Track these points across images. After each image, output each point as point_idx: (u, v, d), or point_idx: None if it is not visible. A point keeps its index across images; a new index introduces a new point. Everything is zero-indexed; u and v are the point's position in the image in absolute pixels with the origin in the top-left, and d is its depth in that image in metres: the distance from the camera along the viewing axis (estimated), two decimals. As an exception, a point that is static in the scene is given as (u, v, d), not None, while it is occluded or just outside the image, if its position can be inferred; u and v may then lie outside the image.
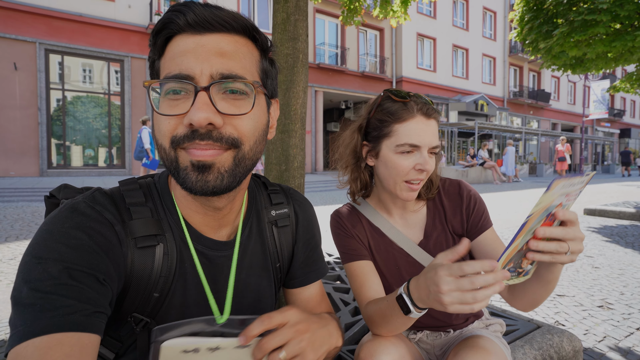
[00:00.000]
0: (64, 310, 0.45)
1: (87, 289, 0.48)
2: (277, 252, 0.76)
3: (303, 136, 1.73)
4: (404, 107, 0.91)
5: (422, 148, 0.90)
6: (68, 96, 11.26)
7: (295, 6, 1.72)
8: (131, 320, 0.60)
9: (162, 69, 0.57)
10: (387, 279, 1.03)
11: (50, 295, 0.45)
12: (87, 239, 0.51)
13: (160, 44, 0.58)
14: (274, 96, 0.68)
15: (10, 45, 10.09)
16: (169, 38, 0.57)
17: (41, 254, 0.48)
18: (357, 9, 3.74)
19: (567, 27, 5.13)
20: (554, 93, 26.59)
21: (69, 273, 0.47)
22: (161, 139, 0.56)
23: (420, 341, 1.09)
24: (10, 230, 4.34)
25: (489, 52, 22.13)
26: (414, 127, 0.90)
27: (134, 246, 0.58)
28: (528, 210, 6.64)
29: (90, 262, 0.50)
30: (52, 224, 0.51)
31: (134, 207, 0.60)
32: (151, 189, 0.65)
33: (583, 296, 2.57)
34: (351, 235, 1.02)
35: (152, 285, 0.59)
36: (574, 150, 28.47)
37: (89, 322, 0.47)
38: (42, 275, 0.46)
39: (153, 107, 0.56)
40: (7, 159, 10.16)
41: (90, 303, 0.48)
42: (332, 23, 16.36)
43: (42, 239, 0.50)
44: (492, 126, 17.39)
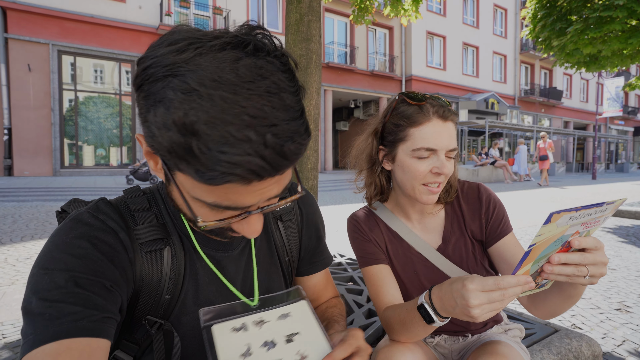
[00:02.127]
0: (71, 317, 0.47)
1: (94, 296, 0.50)
2: (285, 246, 0.78)
3: (316, 137, 1.73)
4: (420, 110, 0.90)
5: (438, 151, 0.88)
6: (80, 96, 11.43)
7: (309, 7, 1.71)
8: (145, 323, 0.61)
9: (205, 192, 0.47)
10: (405, 284, 1.02)
11: (58, 304, 0.47)
12: (91, 247, 0.53)
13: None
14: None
15: (24, 47, 10.27)
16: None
17: (48, 265, 0.50)
18: (368, 8, 3.71)
19: (582, 24, 5.04)
20: (566, 91, 26.16)
21: (75, 281, 0.49)
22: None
23: (437, 345, 1.08)
24: (26, 229, 4.41)
25: (499, 49, 21.85)
26: (430, 131, 0.88)
27: (142, 251, 0.59)
28: (540, 210, 6.55)
29: (96, 270, 0.51)
30: (57, 236, 0.53)
31: (138, 213, 0.61)
32: (155, 195, 0.66)
33: (600, 299, 2.52)
34: (368, 239, 1.01)
35: (162, 287, 0.61)
36: (586, 149, 28.00)
37: (97, 327, 0.48)
38: (49, 285, 0.48)
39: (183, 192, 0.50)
40: (21, 158, 10.35)
41: (97, 309, 0.49)
42: (341, 22, 16.32)
43: (49, 251, 0.52)
44: (503, 125, 17.17)
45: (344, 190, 10.02)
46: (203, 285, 0.64)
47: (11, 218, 5.07)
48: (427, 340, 1.07)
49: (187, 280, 0.63)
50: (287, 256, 0.78)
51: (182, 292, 0.62)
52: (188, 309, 0.63)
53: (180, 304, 0.62)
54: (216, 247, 0.66)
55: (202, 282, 0.64)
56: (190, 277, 0.63)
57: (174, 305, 0.62)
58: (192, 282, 0.63)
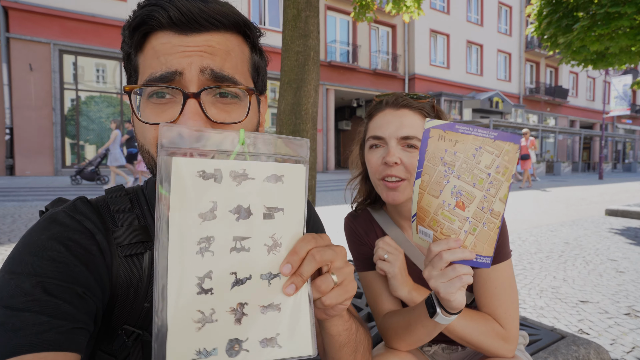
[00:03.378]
0: (36, 328, 0.42)
1: (64, 304, 0.45)
2: None
3: (314, 136, 1.67)
4: (378, 104, 0.89)
5: (387, 139, 0.84)
6: (82, 96, 11.45)
7: (306, 2, 1.65)
8: (122, 333, 0.57)
9: (143, 67, 0.52)
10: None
11: (22, 313, 0.42)
12: (64, 250, 0.48)
13: (138, 38, 0.52)
14: (262, 92, 0.64)
15: (26, 47, 10.28)
16: (148, 32, 0.52)
17: (15, 269, 0.45)
18: (370, 5, 3.65)
19: (589, 21, 4.96)
20: (572, 89, 25.95)
21: (44, 287, 0.44)
22: (146, 145, 0.52)
23: (435, 354, 1.04)
24: (25, 229, 4.39)
25: (504, 47, 21.70)
26: (380, 120, 0.87)
27: (120, 255, 0.54)
28: (546, 210, 6.46)
29: (67, 275, 0.47)
30: (29, 236, 0.49)
31: (119, 214, 0.57)
32: (138, 195, 0.63)
33: (608, 302, 2.45)
34: (364, 242, 0.98)
35: (141, 295, 0.56)
36: (592, 148, 27.76)
37: (65, 339, 0.43)
38: (15, 291, 0.43)
39: (134, 113, 0.51)
40: (23, 158, 10.38)
41: (67, 319, 0.44)
42: (343, 20, 16.25)
43: (18, 253, 0.47)
44: (508, 124, 17.04)
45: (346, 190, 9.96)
46: None
47: (11, 218, 5.06)
48: (424, 349, 1.04)
49: None
50: None
51: None
52: None
53: None
54: None
55: None
56: None
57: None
58: None
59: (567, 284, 2.81)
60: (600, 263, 3.34)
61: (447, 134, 0.60)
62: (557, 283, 2.84)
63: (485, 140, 0.59)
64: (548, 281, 2.88)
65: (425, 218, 0.63)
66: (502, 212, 0.60)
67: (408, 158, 0.83)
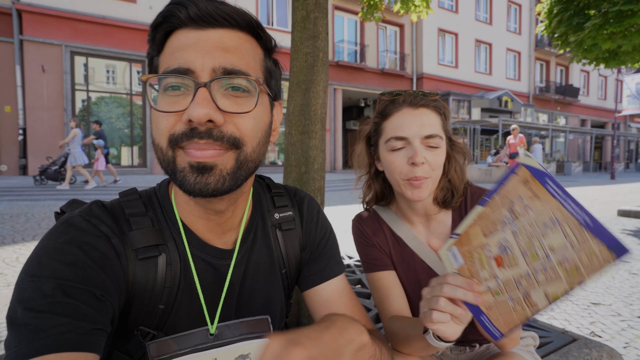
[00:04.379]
0: (58, 330, 0.43)
1: (83, 306, 0.46)
2: (282, 258, 0.72)
3: (323, 137, 1.67)
4: (391, 103, 0.89)
5: (410, 139, 0.84)
6: (92, 97, 11.60)
7: (315, 3, 1.65)
8: (138, 333, 0.58)
9: (161, 65, 0.55)
10: (408, 291, 0.98)
11: (44, 314, 0.44)
12: (81, 254, 0.50)
13: (159, 39, 0.55)
14: (277, 98, 0.65)
15: (38, 49, 10.45)
16: (169, 33, 0.55)
17: (35, 272, 0.47)
18: (377, 5, 3.65)
19: (600, 19, 4.88)
20: (583, 88, 25.56)
21: (63, 290, 0.46)
22: (158, 137, 0.53)
23: (443, 355, 1.04)
24: (38, 229, 4.47)
25: (513, 46, 21.46)
26: (399, 120, 0.86)
27: (135, 258, 0.56)
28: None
29: (86, 278, 0.48)
30: (47, 240, 0.50)
31: (133, 217, 0.58)
32: (151, 198, 0.63)
33: (621, 305, 2.41)
34: (372, 244, 0.98)
35: (156, 297, 0.57)
36: (604, 148, 27.32)
37: (85, 340, 0.45)
38: (36, 294, 0.45)
39: (150, 103, 0.54)
40: (35, 158, 10.56)
41: (86, 320, 0.46)
42: (351, 20, 16.22)
43: (37, 256, 0.49)
44: (517, 123, 16.85)
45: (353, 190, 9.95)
46: (197, 295, 0.61)
47: (24, 217, 5.15)
48: None
49: (182, 290, 0.59)
50: (284, 268, 0.73)
51: (177, 301, 0.59)
52: (182, 320, 0.59)
53: (174, 315, 0.59)
54: (215, 255, 0.62)
55: (195, 292, 0.60)
56: (184, 286, 0.59)
57: (167, 315, 0.59)
58: (187, 292, 0.60)
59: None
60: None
61: (532, 181, 0.49)
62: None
63: (570, 219, 0.46)
64: (559, 283, 2.85)
65: (465, 245, 0.58)
66: (541, 309, 0.50)
67: (431, 156, 0.84)
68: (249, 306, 0.66)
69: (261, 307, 0.67)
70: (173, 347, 0.56)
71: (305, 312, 1.65)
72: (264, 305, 0.67)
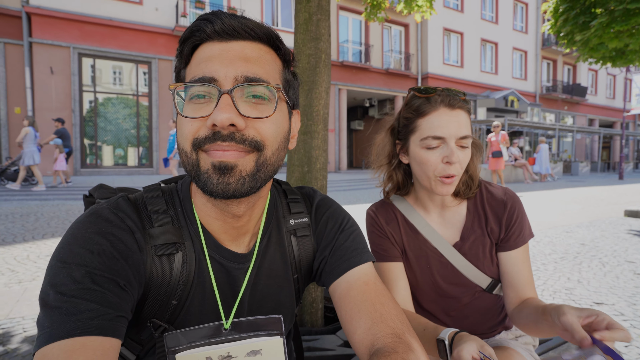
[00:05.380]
0: (87, 314, 0.47)
1: (109, 294, 0.50)
2: (295, 264, 0.73)
3: (325, 137, 1.70)
4: (427, 101, 0.91)
5: (447, 139, 0.88)
6: (99, 98, 11.73)
7: (318, 6, 1.68)
8: (150, 325, 0.61)
9: (188, 76, 0.58)
10: (417, 277, 1.01)
11: (74, 299, 0.47)
12: (108, 245, 0.53)
13: (187, 53, 0.59)
14: (295, 107, 0.68)
15: (47, 51, 10.60)
16: (196, 46, 0.59)
17: (65, 258, 0.50)
18: (381, 5, 3.65)
19: (607, 17, 4.83)
20: (591, 87, 25.28)
21: (92, 278, 0.49)
22: (183, 142, 0.56)
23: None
24: (47, 227, 4.54)
25: (520, 45, 21.30)
26: (437, 120, 0.88)
27: (154, 254, 0.58)
28: (562, 211, 6.34)
29: (111, 268, 0.51)
30: (76, 229, 0.54)
31: (155, 214, 0.61)
32: (173, 196, 0.66)
33: (624, 305, 2.40)
34: (384, 234, 1.01)
35: (170, 292, 0.60)
36: (612, 148, 26.99)
37: (110, 326, 0.48)
38: (67, 279, 0.48)
39: (177, 110, 0.57)
40: (44, 159, 10.67)
41: (112, 307, 0.49)
42: (355, 20, 16.22)
43: (67, 243, 0.52)
44: (523, 123, 16.72)
45: (357, 190, 9.95)
46: (209, 294, 0.63)
47: (34, 216, 5.24)
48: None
49: (195, 288, 0.62)
50: (297, 274, 0.74)
51: (189, 299, 0.62)
52: (193, 317, 0.62)
53: (185, 311, 0.62)
54: (228, 257, 0.65)
55: (208, 291, 0.63)
56: (197, 284, 0.62)
57: (179, 311, 0.61)
58: (199, 289, 0.62)
59: (582, 286, 2.77)
60: (617, 265, 3.28)
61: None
62: (572, 284, 2.80)
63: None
64: (562, 282, 2.84)
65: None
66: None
67: (463, 156, 0.89)
68: (260, 309, 0.68)
69: (272, 310, 0.69)
70: (188, 339, 0.59)
71: (307, 309, 1.68)
72: (274, 308, 0.69)
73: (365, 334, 0.60)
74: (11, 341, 1.85)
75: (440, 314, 1.03)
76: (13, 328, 1.98)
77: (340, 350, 1.45)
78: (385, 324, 0.60)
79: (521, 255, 0.96)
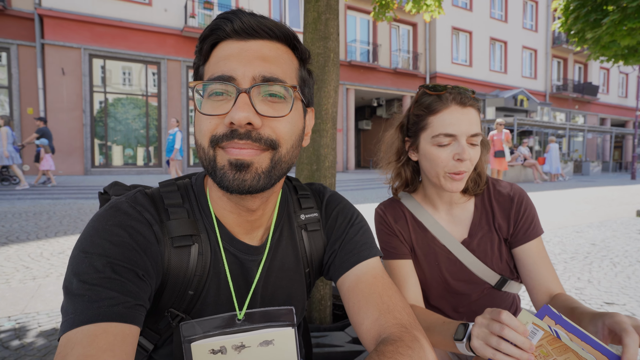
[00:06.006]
0: (108, 302, 0.49)
1: (129, 283, 0.52)
2: (306, 257, 0.75)
3: (334, 136, 1.71)
4: (438, 99, 0.91)
5: (458, 137, 0.89)
6: (109, 98, 11.89)
7: (326, 5, 1.69)
8: (168, 315, 0.63)
9: (206, 73, 0.60)
10: (426, 275, 1.02)
11: (96, 287, 0.50)
12: (127, 236, 0.55)
13: (206, 50, 0.60)
14: (310, 105, 0.70)
15: (59, 52, 10.78)
16: (215, 44, 0.60)
17: (88, 249, 0.53)
18: (389, 4, 3.65)
19: (619, 15, 4.76)
20: (603, 86, 24.88)
21: (112, 267, 0.51)
22: (201, 138, 0.58)
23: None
24: (59, 226, 4.63)
25: (529, 44, 21.06)
26: (448, 117, 0.89)
27: (171, 245, 0.61)
28: (572, 211, 6.26)
29: (130, 259, 0.53)
30: (97, 221, 0.56)
31: (171, 208, 0.63)
32: (188, 190, 0.68)
33: (635, 305, 2.38)
34: (393, 232, 1.02)
35: (187, 283, 0.62)
36: (625, 147, 26.53)
37: (130, 314, 0.50)
38: (89, 268, 0.51)
39: (195, 107, 0.59)
40: (56, 158, 10.85)
41: (131, 296, 0.51)
42: (363, 19, 16.19)
43: (89, 235, 0.54)
44: (533, 122, 16.52)
45: (365, 189, 9.94)
46: (224, 284, 0.65)
47: (46, 215, 5.33)
48: None
49: (210, 279, 0.64)
50: (308, 268, 0.76)
51: (205, 289, 0.64)
52: (209, 307, 0.64)
53: (201, 301, 0.64)
54: (242, 250, 0.67)
55: (223, 282, 0.65)
56: (213, 275, 0.64)
57: (195, 301, 0.63)
58: (215, 280, 0.64)
59: (592, 286, 2.74)
60: (628, 265, 3.23)
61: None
62: (582, 284, 2.77)
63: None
64: (572, 282, 2.81)
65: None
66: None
67: (473, 153, 0.91)
68: (272, 301, 0.70)
69: (283, 302, 0.71)
70: (203, 328, 0.62)
71: (316, 306, 1.69)
72: (285, 301, 0.71)
73: (372, 325, 0.62)
74: (27, 335, 1.89)
75: (449, 311, 1.04)
76: (28, 323, 2.03)
77: (349, 347, 1.45)
78: (392, 315, 0.62)
79: (536, 248, 0.95)
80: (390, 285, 0.69)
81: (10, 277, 2.75)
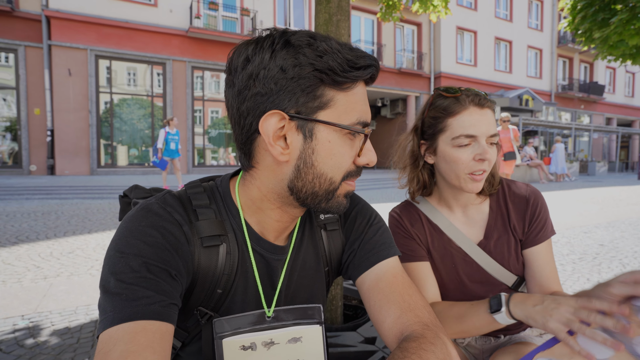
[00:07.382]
0: (145, 301, 0.51)
1: (163, 282, 0.53)
2: (326, 256, 0.77)
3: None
4: (456, 101, 0.92)
5: (479, 138, 0.90)
6: (115, 99, 11.96)
7: (338, 7, 1.70)
8: (197, 313, 0.65)
9: (347, 105, 0.59)
10: (443, 278, 1.02)
11: (133, 286, 0.51)
12: (160, 237, 0.56)
13: (349, 80, 0.58)
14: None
15: (65, 53, 10.87)
16: (357, 80, 0.60)
17: (123, 249, 0.54)
18: (396, 5, 3.65)
19: (627, 14, 4.73)
20: (609, 85, 24.70)
21: (147, 267, 0.53)
22: (334, 172, 0.61)
23: (468, 346, 1.08)
24: (68, 225, 4.66)
25: (534, 43, 20.96)
26: (468, 118, 0.90)
27: (200, 245, 0.62)
28: (580, 212, 6.23)
29: (164, 259, 0.55)
30: (130, 222, 0.58)
31: (200, 208, 0.64)
32: (214, 192, 0.70)
33: (647, 308, 2.36)
34: (410, 235, 1.02)
35: (215, 282, 0.64)
36: (631, 147, 26.33)
37: (165, 312, 0.52)
38: (125, 268, 0.52)
39: (329, 140, 0.60)
40: (62, 158, 10.98)
41: (165, 295, 0.53)
42: (368, 19, 16.19)
43: (124, 236, 0.56)
44: (538, 122, 16.46)
45: (371, 190, 9.94)
46: (252, 283, 0.67)
47: (54, 215, 5.38)
48: (457, 340, 1.07)
49: (238, 277, 0.66)
50: (327, 267, 0.78)
51: (233, 287, 0.65)
52: (237, 305, 0.66)
53: (230, 299, 0.65)
54: (269, 249, 0.68)
55: (251, 280, 0.67)
56: (241, 274, 0.66)
57: (224, 299, 0.65)
58: (242, 279, 0.66)
59: (603, 287, 2.72)
60: (638, 266, 3.21)
61: None
62: (591, 286, 2.75)
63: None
64: (581, 283, 2.80)
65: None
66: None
67: (492, 153, 0.92)
68: (294, 299, 0.71)
69: (305, 300, 0.73)
70: (234, 325, 0.64)
71: (327, 306, 1.70)
72: (307, 299, 0.73)
73: (394, 323, 0.64)
74: (41, 334, 1.91)
75: None
76: (42, 322, 2.05)
77: (362, 347, 1.46)
78: (414, 313, 0.64)
79: (544, 251, 0.97)
80: (410, 284, 0.71)
81: (22, 277, 2.78)
